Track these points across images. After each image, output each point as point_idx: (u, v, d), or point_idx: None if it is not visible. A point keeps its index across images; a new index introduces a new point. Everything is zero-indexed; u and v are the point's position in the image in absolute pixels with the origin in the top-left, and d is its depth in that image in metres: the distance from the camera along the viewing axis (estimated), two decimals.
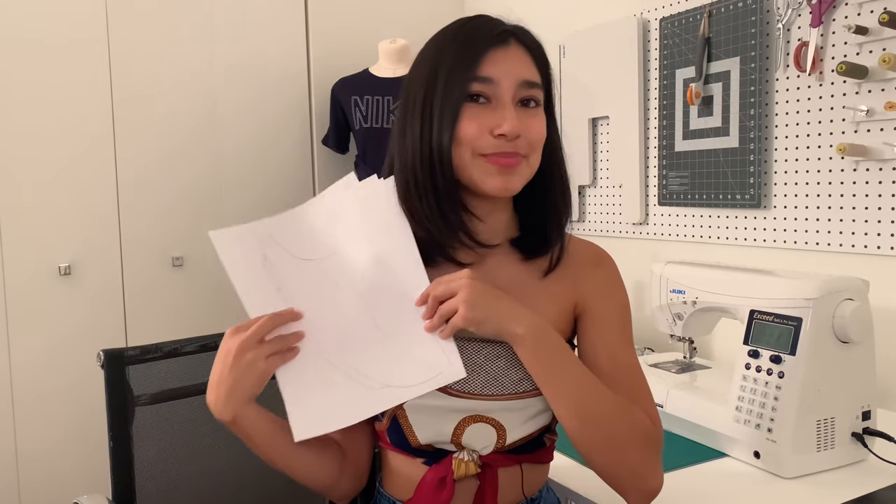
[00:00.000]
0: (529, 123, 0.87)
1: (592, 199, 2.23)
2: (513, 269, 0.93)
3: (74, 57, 2.13)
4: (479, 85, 0.85)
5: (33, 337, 2.11)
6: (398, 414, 0.88)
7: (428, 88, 0.87)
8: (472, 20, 0.90)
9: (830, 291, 1.11)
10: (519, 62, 0.88)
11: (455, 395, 0.87)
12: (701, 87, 1.80)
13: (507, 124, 0.84)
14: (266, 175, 2.48)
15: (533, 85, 0.88)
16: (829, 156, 1.56)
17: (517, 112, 0.86)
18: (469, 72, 0.85)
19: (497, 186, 0.87)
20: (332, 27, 2.55)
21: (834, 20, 1.52)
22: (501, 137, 0.85)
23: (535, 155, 0.89)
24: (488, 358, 0.89)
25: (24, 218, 2.08)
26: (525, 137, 0.87)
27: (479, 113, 0.86)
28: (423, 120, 0.87)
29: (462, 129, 0.85)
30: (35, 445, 2.12)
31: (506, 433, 0.88)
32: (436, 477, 0.88)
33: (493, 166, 0.86)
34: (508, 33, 0.88)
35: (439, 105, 0.86)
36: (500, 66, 0.86)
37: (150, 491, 1.20)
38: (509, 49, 0.88)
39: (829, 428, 1.11)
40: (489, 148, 0.85)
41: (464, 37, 0.88)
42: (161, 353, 1.21)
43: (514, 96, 0.87)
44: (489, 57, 0.86)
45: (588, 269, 0.95)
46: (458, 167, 0.87)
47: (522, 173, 0.88)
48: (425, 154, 0.87)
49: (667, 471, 1.15)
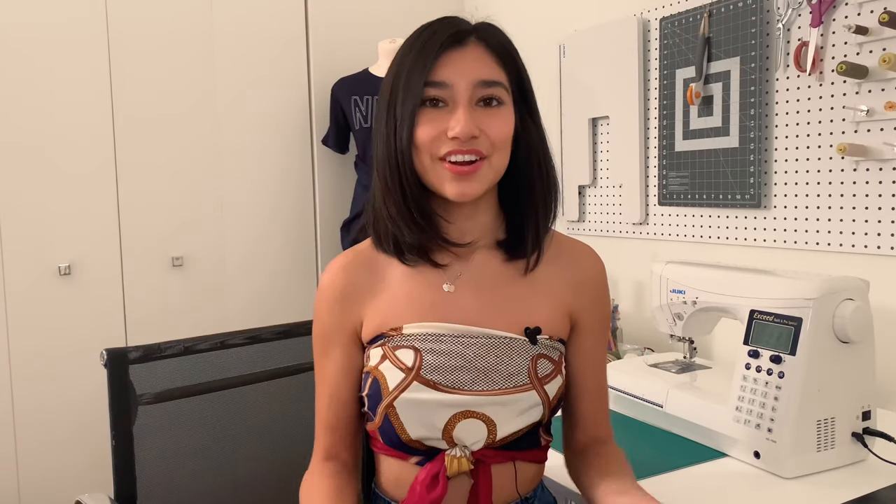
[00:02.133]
0: (489, 123, 0.87)
1: (592, 199, 2.23)
2: (497, 270, 0.94)
3: (74, 57, 2.13)
4: (433, 90, 0.86)
5: (33, 337, 2.11)
6: (389, 412, 0.90)
7: (391, 94, 0.89)
8: (434, 23, 0.90)
9: (830, 291, 1.12)
10: (475, 62, 0.87)
11: (445, 391, 0.88)
12: (701, 86, 1.80)
13: (459, 126, 0.85)
14: (266, 175, 2.48)
15: (491, 84, 0.87)
16: (829, 156, 1.56)
17: (476, 112, 0.87)
18: (423, 76, 0.86)
19: (454, 192, 0.87)
20: (332, 27, 2.55)
21: (834, 20, 1.53)
22: (456, 139, 0.85)
23: (498, 155, 0.89)
24: (479, 354, 0.90)
25: (24, 218, 2.08)
26: (485, 137, 0.87)
27: (436, 117, 0.87)
28: (388, 125, 0.89)
29: (419, 134, 0.86)
30: (35, 445, 2.12)
31: (496, 428, 0.89)
32: (428, 474, 0.89)
33: (450, 172, 0.87)
34: (465, 33, 0.88)
35: (400, 110, 0.87)
36: (453, 68, 0.86)
37: (151, 490, 1.20)
38: (465, 49, 0.88)
39: (829, 428, 1.12)
40: (445, 150, 0.86)
41: (422, 41, 0.88)
42: (163, 352, 1.21)
43: (472, 97, 0.87)
44: (443, 60, 0.86)
45: (586, 279, 0.98)
46: (420, 172, 0.89)
47: (483, 177, 0.88)
48: (392, 159, 0.88)
49: (667, 471, 1.16)
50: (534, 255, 0.94)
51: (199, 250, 2.34)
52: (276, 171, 2.50)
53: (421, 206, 0.89)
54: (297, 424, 1.37)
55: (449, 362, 0.89)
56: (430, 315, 0.92)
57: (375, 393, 0.91)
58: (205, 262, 2.35)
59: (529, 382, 0.89)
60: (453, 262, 0.94)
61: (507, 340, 0.90)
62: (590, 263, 0.99)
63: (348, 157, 2.57)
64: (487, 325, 0.91)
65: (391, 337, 0.92)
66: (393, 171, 0.89)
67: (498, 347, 0.90)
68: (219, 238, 2.38)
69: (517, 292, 0.93)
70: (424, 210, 0.90)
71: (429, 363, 0.89)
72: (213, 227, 2.37)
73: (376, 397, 0.91)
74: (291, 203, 2.53)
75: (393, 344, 0.91)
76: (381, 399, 0.90)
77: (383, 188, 0.90)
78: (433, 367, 0.89)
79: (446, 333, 0.90)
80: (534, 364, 0.90)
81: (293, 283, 2.54)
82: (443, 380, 0.88)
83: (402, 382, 0.89)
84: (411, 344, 0.90)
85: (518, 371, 0.89)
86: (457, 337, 0.90)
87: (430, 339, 0.90)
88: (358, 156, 2.48)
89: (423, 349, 0.90)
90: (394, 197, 0.89)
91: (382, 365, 0.91)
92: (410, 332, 0.91)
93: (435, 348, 0.90)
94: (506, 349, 0.90)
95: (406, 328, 0.91)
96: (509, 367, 0.89)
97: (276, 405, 1.36)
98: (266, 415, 1.35)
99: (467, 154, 0.86)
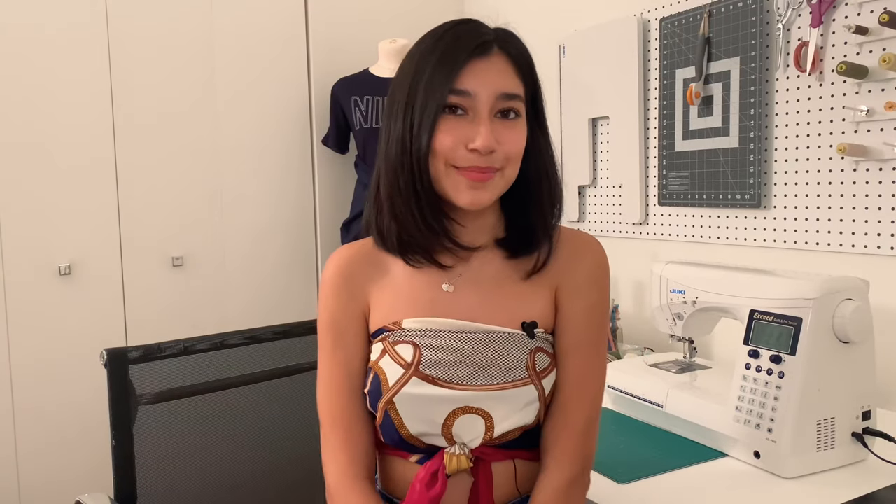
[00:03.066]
0: (506, 137, 0.87)
1: (592, 199, 2.23)
2: (497, 268, 0.95)
3: (74, 57, 2.13)
4: (456, 98, 0.86)
5: (33, 337, 2.11)
6: (389, 408, 0.90)
7: (409, 95, 0.88)
8: (457, 26, 0.90)
9: (830, 291, 1.12)
10: (499, 73, 0.88)
11: (444, 386, 0.89)
12: (701, 87, 1.80)
13: (481, 140, 0.85)
14: (266, 175, 2.48)
15: (512, 97, 0.88)
16: (829, 156, 1.56)
17: (495, 125, 0.87)
18: (447, 84, 0.85)
19: (467, 200, 0.87)
20: (332, 27, 2.55)
21: (834, 20, 1.53)
22: (475, 152, 0.85)
23: (511, 167, 0.89)
24: (477, 349, 0.90)
25: (24, 218, 2.08)
26: (501, 151, 0.87)
27: (456, 125, 0.86)
28: (405, 127, 0.88)
29: (438, 140, 0.86)
30: (35, 445, 2.12)
31: (493, 424, 0.89)
32: (428, 472, 0.90)
33: (464, 179, 0.87)
34: (490, 43, 0.88)
35: (419, 114, 0.86)
36: (478, 79, 0.86)
37: (151, 489, 1.20)
38: (490, 60, 0.87)
39: (829, 428, 1.11)
40: (463, 161, 0.86)
41: (444, 46, 0.87)
42: (163, 352, 1.22)
43: (493, 109, 0.87)
44: (468, 69, 0.86)
45: (570, 263, 0.95)
46: (434, 177, 0.88)
47: (495, 186, 0.89)
48: (406, 160, 0.88)
49: (667, 471, 1.16)
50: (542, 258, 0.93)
51: (199, 250, 2.34)
52: (276, 170, 2.50)
53: (434, 210, 0.89)
54: (296, 424, 1.37)
55: (448, 357, 0.90)
56: (429, 311, 0.92)
57: (376, 389, 0.91)
58: (205, 262, 2.34)
59: (528, 377, 0.90)
60: (456, 263, 0.94)
61: (505, 335, 0.91)
62: (585, 252, 0.96)
63: (348, 157, 2.57)
64: (486, 321, 0.92)
65: (391, 331, 0.92)
66: (407, 174, 0.88)
67: (496, 342, 0.90)
68: (219, 238, 2.38)
69: (516, 289, 0.94)
70: (437, 214, 0.90)
71: (427, 358, 0.89)
72: (213, 227, 2.37)
73: (376, 394, 0.91)
74: (291, 203, 2.53)
75: (393, 339, 0.92)
76: (381, 395, 0.90)
77: (392, 189, 0.90)
78: (432, 363, 0.89)
79: (445, 329, 0.91)
80: (532, 358, 0.90)
81: (293, 283, 2.54)
82: (442, 375, 0.89)
83: (401, 378, 0.89)
84: (410, 339, 0.91)
85: (516, 365, 0.90)
86: (455, 332, 0.91)
87: (429, 335, 0.91)
88: (358, 156, 2.48)
89: (422, 344, 0.90)
90: (405, 200, 0.89)
91: (382, 360, 0.91)
92: (410, 327, 0.92)
93: (434, 344, 0.90)
94: (504, 344, 0.90)
95: (405, 323, 0.92)
96: (508, 361, 0.90)
97: (275, 405, 1.36)
98: (265, 415, 1.35)
99: (484, 171, 0.86)
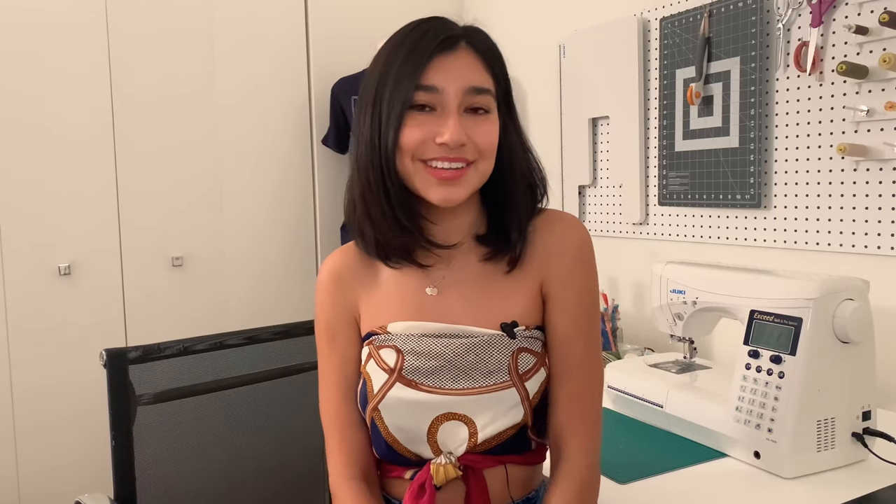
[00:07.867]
0: (477, 130, 0.86)
1: (592, 199, 2.23)
2: (478, 266, 0.93)
3: (74, 58, 2.13)
4: (422, 94, 0.85)
5: (33, 337, 2.11)
6: (374, 415, 0.90)
7: (377, 93, 0.87)
8: (423, 23, 0.89)
9: (830, 291, 1.12)
10: (465, 68, 0.86)
11: (426, 390, 0.88)
12: (701, 86, 1.80)
13: (449, 133, 0.84)
14: (266, 175, 2.48)
15: (481, 91, 0.87)
16: (829, 156, 1.56)
17: (465, 119, 0.86)
18: (413, 80, 0.84)
19: (439, 197, 0.86)
20: (332, 27, 2.55)
21: (834, 20, 1.52)
22: (444, 146, 0.84)
23: (484, 162, 0.88)
24: (458, 353, 0.89)
25: (24, 218, 2.08)
26: (472, 144, 0.86)
27: (424, 121, 0.85)
28: (372, 125, 0.87)
29: (405, 136, 0.85)
30: (35, 445, 2.12)
31: (477, 430, 0.88)
32: (416, 484, 0.89)
33: (434, 178, 0.86)
34: (456, 38, 0.87)
35: (385, 111, 0.86)
36: (444, 74, 0.85)
37: (151, 490, 1.20)
38: (457, 54, 0.86)
39: (829, 428, 1.11)
40: (432, 153, 0.85)
41: (410, 43, 0.87)
42: (162, 352, 1.21)
43: (461, 104, 0.86)
44: (434, 64, 0.85)
45: (554, 250, 0.93)
46: (403, 175, 0.87)
47: (468, 182, 0.87)
48: (375, 159, 0.87)
49: (667, 471, 1.16)
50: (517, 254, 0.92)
51: (198, 250, 2.34)
52: (276, 170, 2.50)
53: (406, 209, 0.88)
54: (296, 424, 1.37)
55: (429, 363, 0.89)
56: (415, 315, 0.92)
57: (363, 397, 0.92)
58: (204, 263, 2.34)
59: (509, 379, 0.88)
60: (437, 262, 0.93)
61: (486, 338, 0.89)
62: (563, 231, 0.93)
63: (348, 157, 2.57)
64: (470, 324, 0.90)
65: (377, 335, 0.92)
66: (377, 173, 0.87)
67: (477, 346, 0.89)
68: (218, 238, 2.38)
69: (500, 287, 0.92)
70: (409, 213, 0.88)
71: (410, 363, 0.89)
72: (213, 227, 2.37)
73: (364, 401, 0.92)
74: (291, 203, 2.53)
75: (378, 342, 0.92)
76: (367, 402, 0.90)
77: (364, 190, 0.89)
78: (414, 368, 0.89)
79: (427, 333, 0.90)
80: (514, 360, 0.89)
81: (293, 283, 2.54)
82: (424, 380, 0.89)
83: (385, 384, 0.89)
84: (394, 343, 0.90)
85: (497, 368, 0.88)
86: (437, 337, 0.90)
87: (412, 339, 0.90)
88: None
89: (405, 349, 0.90)
90: (376, 199, 0.88)
91: (369, 365, 0.91)
92: (394, 330, 0.91)
93: (416, 348, 0.89)
94: (485, 346, 0.89)
95: (391, 327, 0.92)
96: (489, 364, 0.88)
97: (274, 405, 1.36)
98: (265, 415, 1.35)
99: (454, 161, 0.85)
